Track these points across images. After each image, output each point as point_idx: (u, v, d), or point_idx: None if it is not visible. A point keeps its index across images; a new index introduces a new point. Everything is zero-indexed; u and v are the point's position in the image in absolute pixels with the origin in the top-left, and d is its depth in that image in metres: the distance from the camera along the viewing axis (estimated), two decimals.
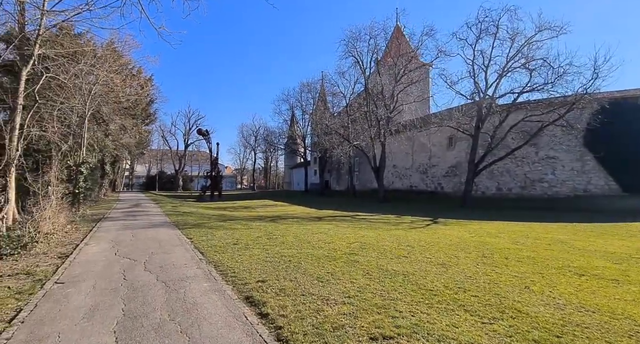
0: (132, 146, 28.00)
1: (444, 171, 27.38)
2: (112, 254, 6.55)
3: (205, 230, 9.49)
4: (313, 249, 6.78)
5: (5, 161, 10.38)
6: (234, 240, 7.88)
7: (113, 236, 8.66)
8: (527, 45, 18.07)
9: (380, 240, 8.06)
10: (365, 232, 9.35)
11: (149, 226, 10.41)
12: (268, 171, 61.98)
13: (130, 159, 41.99)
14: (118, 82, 13.79)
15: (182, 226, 10.40)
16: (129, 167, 52.09)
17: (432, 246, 7.29)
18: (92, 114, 15.58)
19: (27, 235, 7.75)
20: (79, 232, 9.44)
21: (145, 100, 21.54)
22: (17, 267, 5.81)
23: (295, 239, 8.05)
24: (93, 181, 17.89)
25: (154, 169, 59.26)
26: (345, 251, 6.66)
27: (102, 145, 18.37)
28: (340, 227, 10.52)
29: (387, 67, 27.18)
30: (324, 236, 8.58)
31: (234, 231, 9.46)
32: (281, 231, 9.36)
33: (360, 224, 11.64)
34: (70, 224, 10.69)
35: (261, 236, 8.51)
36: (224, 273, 5.11)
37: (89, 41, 14.73)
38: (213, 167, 31.70)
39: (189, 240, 8.01)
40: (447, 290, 4.09)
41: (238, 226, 10.65)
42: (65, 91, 11.87)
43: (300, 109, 40.01)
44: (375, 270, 5.14)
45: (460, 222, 12.72)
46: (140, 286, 4.56)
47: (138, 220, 12.08)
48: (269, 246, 7.10)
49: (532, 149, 20.83)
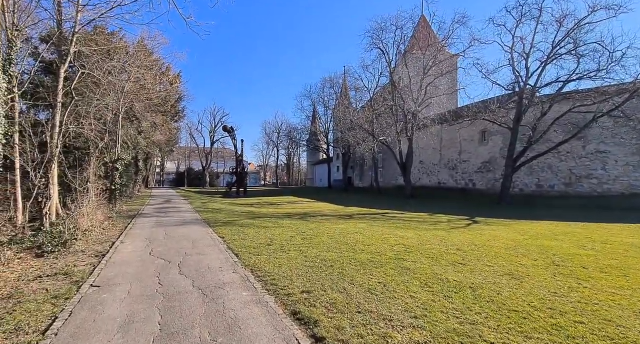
0: (162, 143, 28.64)
1: (476, 166, 25.75)
2: (147, 254, 6.28)
3: (237, 229, 9.14)
4: (354, 253, 6.16)
5: (47, 158, 10.57)
6: (267, 240, 7.43)
7: (147, 233, 8.50)
8: (577, 28, 16.23)
9: (424, 242, 7.30)
10: (403, 233, 8.60)
11: (181, 224, 10.24)
12: (291, 168, 61.99)
13: (161, 156, 43.35)
14: (149, 79, 13.82)
15: (213, 224, 10.15)
16: (159, 164, 53.95)
17: (487, 251, 6.43)
18: (125, 112, 15.80)
19: (67, 232, 7.74)
20: (115, 229, 9.42)
21: (174, 97, 21.82)
22: (56, 266, 5.66)
23: (332, 240, 7.47)
24: (128, 177, 18.29)
25: (182, 165, 61.06)
26: (390, 255, 5.98)
27: (135, 142, 18.74)
28: (375, 227, 9.83)
29: (415, 59, 25.84)
30: (361, 236, 7.94)
31: (265, 229, 9.04)
32: (314, 231, 8.82)
33: (395, 224, 10.88)
34: (107, 220, 10.77)
35: (294, 236, 8.01)
36: (263, 280, 4.61)
37: (121, 39, 14.86)
38: (238, 164, 31.85)
39: (221, 239, 7.66)
40: (536, 312, 3.33)
41: (268, 224, 10.25)
42: (101, 88, 11.97)
43: (322, 104, 39.34)
44: (433, 280, 4.44)
45: (503, 222, 11.62)
46: (176, 293, 4.16)
47: (170, 217, 12.03)
48: (305, 248, 6.57)
49: (578, 143, 18.92)
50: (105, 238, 8.03)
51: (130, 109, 14.99)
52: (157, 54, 15.21)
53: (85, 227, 8.41)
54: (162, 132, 23.35)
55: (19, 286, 4.65)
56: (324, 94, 38.37)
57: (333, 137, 40.80)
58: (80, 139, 14.86)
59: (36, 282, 4.84)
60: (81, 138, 14.91)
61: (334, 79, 36.52)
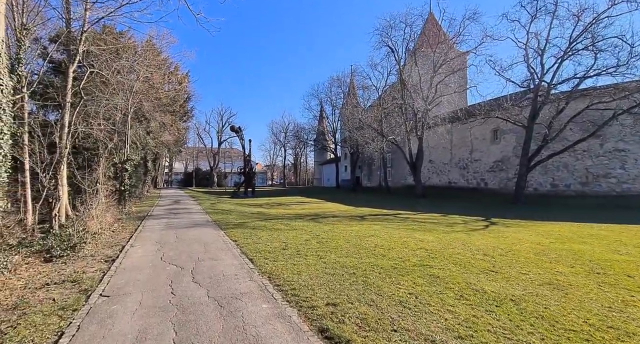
0: (170, 143, 28.56)
1: (487, 166, 25.10)
2: (158, 258, 5.99)
3: (249, 231, 8.82)
4: (375, 258, 5.78)
5: (56, 159, 10.39)
6: (281, 244, 7.09)
7: (157, 236, 8.23)
8: (595, 22, 15.56)
9: (446, 246, 6.88)
10: (421, 236, 8.19)
11: (192, 226, 9.97)
12: (298, 168, 61.72)
13: (169, 156, 43.43)
14: (157, 78, 13.61)
15: (224, 225, 9.85)
16: (168, 165, 54.16)
17: (515, 256, 6.00)
18: (134, 112, 15.64)
19: (76, 235, 7.51)
20: (125, 231, 9.18)
21: (182, 96, 21.65)
22: (64, 272, 5.39)
23: (349, 243, 7.10)
24: (137, 178, 18.16)
25: (190, 166, 61.24)
26: (414, 261, 5.59)
27: (144, 143, 18.60)
28: (390, 229, 9.43)
29: (424, 56, 25.27)
30: (379, 240, 7.55)
31: (278, 232, 8.71)
32: (328, 233, 8.46)
33: (409, 225, 10.46)
34: (117, 222, 10.57)
35: (309, 239, 7.66)
36: (282, 290, 4.26)
37: (130, 39, 14.67)
38: (246, 163, 31.64)
39: (233, 242, 7.34)
40: (598, 332, 2.92)
41: (280, 226, 9.91)
42: (109, 88, 11.78)
43: (330, 104, 38.90)
44: (467, 291, 4.04)
45: (521, 224, 11.13)
46: (190, 304, 3.83)
47: (180, 218, 11.78)
48: (322, 253, 6.21)
49: (595, 141, 18.20)
50: (115, 241, 7.78)
51: (139, 108, 14.81)
52: (166, 53, 15.05)
53: (95, 230, 8.19)
54: (171, 132, 23.21)
55: (25, 295, 4.39)
56: (331, 93, 37.98)
57: (341, 136, 40.37)
58: (89, 139, 14.74)
59: (43, 290, 4.57)
60: (90, 138, 14.80)
61: (342, 78, 36.11)
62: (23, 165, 10.60)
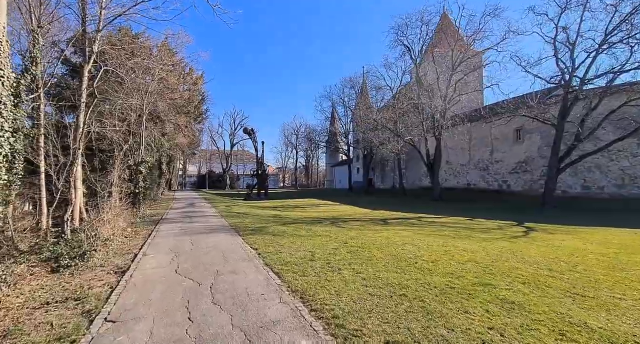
0: (185, 146, 28.28)
1: (510, 167, 23.71)
2: (172, 271, 5.25)
3: (269, 238, 8.03)
4: (422, 273, 4.88)
5: (70, 161, 9.88)
6: (307, 253, 6.25)
7: (172, 243, 7.53)
8: (635, 13, 14.23)
9: (496, 258, 5.90)
10: (461, 244, 7.21)
11: (208, 231, 9.26)
12: (309, 170, 61.02)
13: (183, 159, 43.44)
14: (173, 79, 13.11)
15: (242, 231, 9.10)
16: (182, 167, 54.37)
17: (588, 272, 4.98)
18: (149, 113, 15.20)
19: (86, 242, 6.88)
20: (138, 237, 8.54)
21: (197, 98, 21.20)
22: (69, 287, 4.70)
23: (383, 253, 6.20)
24: (152, 180, 17.73)
25: (204, 168, 61.41)
26: (470, 278, 4.66)
27: (159, 145, 18.19)
28: (422, 235, 8.48)
29: (441, 55, 24.19)
30: (416, 249, 6.62)
31: (301, 239, 7.88)
32: (356, 241, 7.58)
33: (440, 231, 9.47)
34: (130, 226, 9.97)
35: (338, 247, 6.80)
36: (322, 317, 3.41)
37: (146, 41, 14.24)
38: (259, 166, 31.08)
39: (254, 251, 6.56)
40: None
41: (302, 231, 9.09)
42: (124, 88, 11.29)
43: (342, 105, 38.06)
44: (566, 327, 3.09)
45: (561, 229, 10.02)
46: (212, 337, 3.03)
47: (196, 223, 11.12)
48: (357, 265, 5.34)
49: (632, 140, 16.73)
50: (127, 248, 7.11)
51: (154, 110, 14.36)
52: (181, 54, 14.56)
53: (106, 236, 7.55)
54: (186, 134, 22.84)
55: (21, 317, 3.69)
56: (343, 94, 37.14)
57: (353, 138, 39.45)
58: (104, 141, 14.34)
59: (42, 311, 3.86)
60: (106, 140, 14.40)
61: (355, 79, 35.26)
62: (39, 168, 10.19)
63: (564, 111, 16.41)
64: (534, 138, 21.87)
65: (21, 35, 11.86)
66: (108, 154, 14.69)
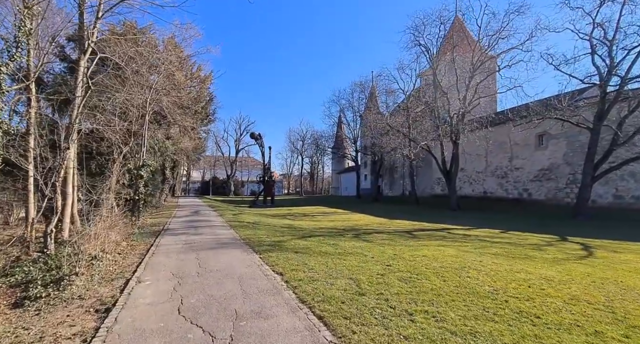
0: (189, 150, 26.99)
1: (531, 174, 22.16)
2: (174, 310, 3.77)
3: (292, 256, 6.53)
4: (529, 323, 3.37)
5: (58, 162, 8.50)
6: (349, 281, 4.76)
7: (174, 263, 6.04)
8: None
9: (607, 294, 4.40)
10: (529, 267, 5.70)
11: (217, 246, 7.78)
12: (314, 176, 59.56)
13: (187, 164, 42.17)
14: (179, 76, 11.88)
15: (257, 246, 7.61)
16: (186, 173, 53.10)
17: None
18: (152, 113, 13.90)
19: (66, 263, 5.44)
20: (134, 253, 7.08)
21: (205, 97, 19.91)
22: (26, 337, 3.25)
23: (448, 283, 4.70)
24: (154, 186, 16.33)
25: (207, 174, 60.11)
26: (608, 331, 3.17)
27: (163, 148, 16.86)
28: (470, 254, 6.98)
29: (460, 55, 22.93)
30: (482, 275, 5.12)
31: (330, 258, 6.39)
32: (400, 262, 6.08)
33: (485, 247, 7.96)
34: (126, 239, 8.52)
35: (382, 272, 5.29)
36: None
37: (152, 36, 13.02)
38: (266, 171, 29.71)
39: (279, 277, 5.07)
40: None
41: (326, 247, 7.60)
42: (126, 83, 10.01)
43: (351, 110, 36.80)
44: None
45: (617, 245, 8.52)
46: None
47: (201, 235, 9.64)
48: (427, 305, 3.84)
49: None
50: (118, 270, 5.65)
51: (159, 109, 13.06)
52: (189, 49, 13.27)
53: (94, 253, 6.11)
54: (191, 137, 21.52)
55: None
56: (352, 98, 35.88)
57: (361, 143, 38.09)
58: (103, 143, 13.03)
59: None
60: (104, 142, 13.09)
61: (365, 83, 34.04)
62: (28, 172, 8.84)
63: (600, 113, 14.99)
64: (558, 143, 20.40)
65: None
66: (107, 156, 13.35)
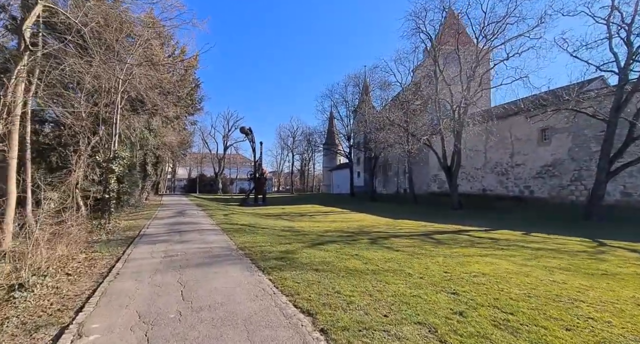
0: (174, 145, 24.43)
1: (534, 171, 21.15)
2: None
3: (313, 277, 4.64)
4: None
5: None
6: (423, 331, 2.97)
7: (145, 294, 4.02)
8: None
9: None
10: (630, 291, 4.15)
11: (209, 260, 5.78)
12: (306, 173, 57.53)
13: (172, 160, 39.21)
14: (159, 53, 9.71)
15: (261, 260, 5.66)
16: (171, 170, 49.82)
17: None
18: (128, 99, 11.58)
19: None
20: (90, 272, 5.03)
21: (190, 83, 17.37)
22: None
23: (578, 336, 3.02)
24: (132, 182, 13.97)
25: (194, 171, 56.92)
26: None
27: (144, 140, 14.49)
28: (533, 268, 5.40)
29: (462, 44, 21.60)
30: (608, 315, 3.49)
31: (367, 279, 4.58)
32: (458, 283, 4.38)
33: (534, 256, 6.43)
34: (87, 249, 6.40)
35: (460, 309, 3.51)
36: None
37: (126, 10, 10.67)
38: (257, 168, 27.56)
39: (308, 320, 3.21)
40: None
41: (352, 260, 5.79)
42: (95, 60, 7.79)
43: (344, 105, 35.01)
44: None
45: None
46: None
47: (187, 242, 7.56)
48: None
49: None
50: (56, 307, 3.63)
51: (136, 92, 10.78)
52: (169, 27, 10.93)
53: (26, 277, 4.05)
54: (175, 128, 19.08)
55: None
56: (346, 93, 34.06)
57: (353, 140, 36.44)
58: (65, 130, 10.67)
59: None
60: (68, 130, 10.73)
61: (359, 76, 32.31)
62: None
63: (618, 103, 13.89)
64: (562, 138, 19.43)
65: None
66: (71, 147, 10.98)
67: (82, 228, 7.69)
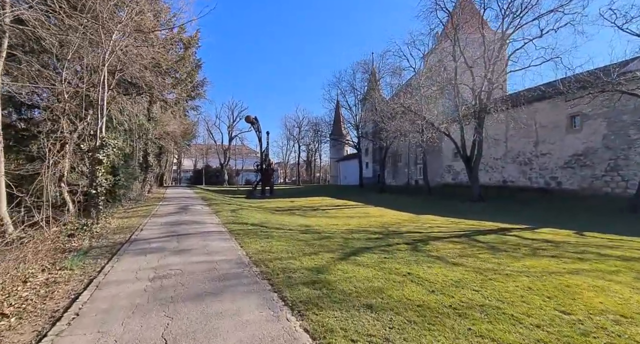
0: (177, 136, 22.70)
1: (561, 160, 19.16)
2: None
3: (370, 321, 2.97)
4: None
5: None
6: None
7: None
8: None
9: None
10: None
11: (212, 285, 4.10)
12: (312, 164, 55.72)
13: (177, 152, 37.57)
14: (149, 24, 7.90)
15: (286, 286, 3.94)
16: (176, 161, 48.30)
17: None
18: (120, 80, 9.78)
19: None
20: (41, 308, 3.38)
21: (190, 64, 15.32)
22: None
23: None
24: (129, 174, 12.32)
25: (200, 163, 55.38)
26: None
27: (141, 128, 12.76)
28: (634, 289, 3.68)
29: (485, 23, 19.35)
30: None
31: (451, 325, 2.90)
32: (568, 324, 2.67)
33: (619, 268, 4.70)
34: (52, 266, 4.77)
35: None
36: None
37: None
38: (264, 159, 25.86)
39: None
40: None
41: (412, 286, 4.11)
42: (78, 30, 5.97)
43: (353, 93, 32.80)
44: None
45: None
46: None
47: (186, 253, 5.87)
48: None
49: None
50: None
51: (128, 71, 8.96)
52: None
53: None
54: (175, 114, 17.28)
55: None
56: (355, 80, 31.81)
57: (363, 129, 34.41)
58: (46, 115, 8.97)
59: None
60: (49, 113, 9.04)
61: (368, 63, 30.01)
62: None
63: None
64: (595, 125, 17.34)
65: None
66: (54, 135, 9.28)
67: (56, 232, 6.05)
